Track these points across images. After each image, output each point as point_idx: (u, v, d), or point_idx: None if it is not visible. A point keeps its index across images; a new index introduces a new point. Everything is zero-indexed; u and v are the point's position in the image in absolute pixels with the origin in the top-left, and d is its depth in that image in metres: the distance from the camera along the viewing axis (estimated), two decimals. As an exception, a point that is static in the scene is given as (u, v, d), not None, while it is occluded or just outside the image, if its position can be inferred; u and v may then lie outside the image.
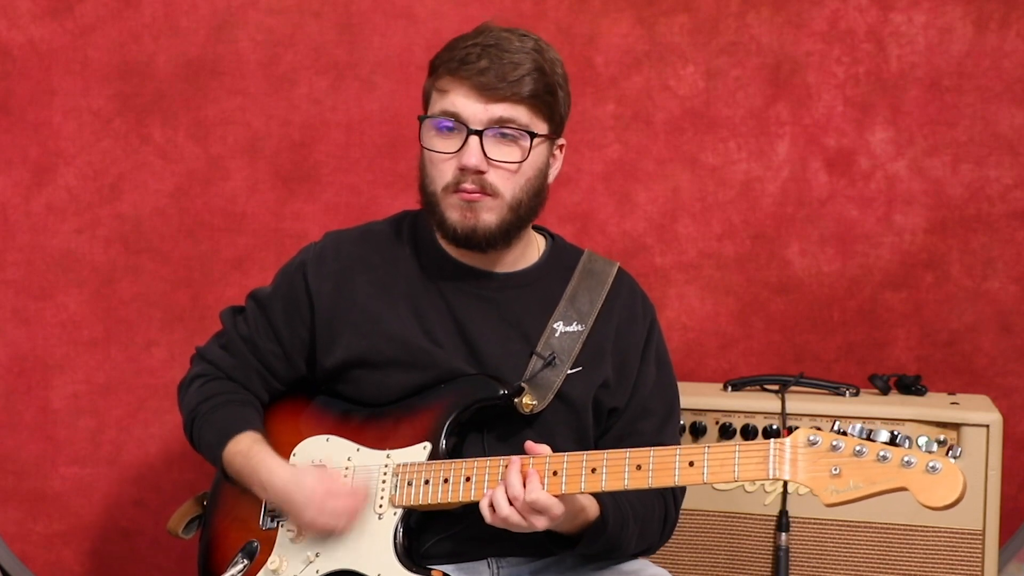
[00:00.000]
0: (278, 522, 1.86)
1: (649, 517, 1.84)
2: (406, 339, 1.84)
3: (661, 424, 1.90)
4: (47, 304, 2.75)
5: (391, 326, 1.85)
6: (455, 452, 1.81)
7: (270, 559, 1.83)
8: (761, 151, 2.67)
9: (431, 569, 1.74)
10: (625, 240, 2.70)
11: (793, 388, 2.41)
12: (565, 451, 1.69)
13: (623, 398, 1.89)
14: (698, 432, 2.36)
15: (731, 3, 2.65)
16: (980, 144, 2.61)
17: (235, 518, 1.93)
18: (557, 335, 1.85)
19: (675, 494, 1.90)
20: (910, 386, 2.42)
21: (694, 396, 2.37)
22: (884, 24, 2.62)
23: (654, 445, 1.83)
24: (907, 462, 1.48)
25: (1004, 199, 2.62)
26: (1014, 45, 2.59)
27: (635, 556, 1.90)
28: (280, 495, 1.80)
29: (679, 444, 1.93)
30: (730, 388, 2.46)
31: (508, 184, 1.78)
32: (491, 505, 1.66)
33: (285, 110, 2.72)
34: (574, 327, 1.86)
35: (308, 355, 1.92)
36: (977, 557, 2.25)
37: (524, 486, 1.64)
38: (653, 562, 1.94)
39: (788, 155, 2.67)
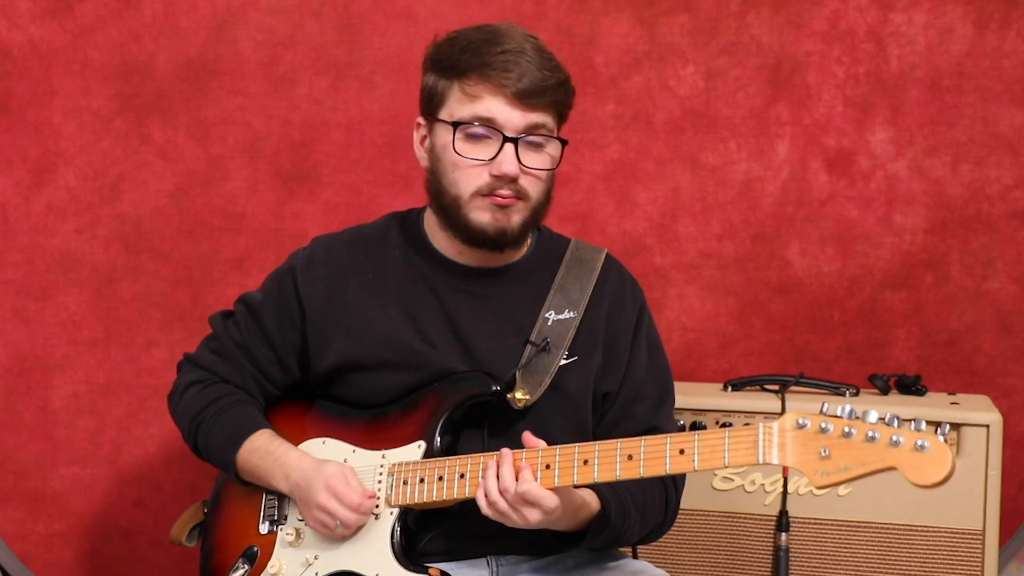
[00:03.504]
0: (277, 526, 1.87)
1: (650, 504, 1.84)
2: (399, 341, 1.84)
3: (655, 407, 1.90)
4: (47, 304, 2.75)
5: (383, 328, 1.85)
6: (450, 449, 1.81)
7: (270, 563, 1.84)
8: (761, 151, 2.67)
9: (429, 567, 1.74)
10: (625, 240, 2.70)
11: (793, 388, 2.41)
12: (561, 443, 1.68)
13: (615, 383, 1.88)
14: (698, 432, 2.36)
15: (731, 3, 2.65)
16: (980, 144, 2.61)
17: (235, 523, 1.93)
18: (550, 323, 1.86)
19: (675, 478, 1.89)
20: (910, 386, 2.42)
21: (694, 396, 2.37)
22: (884, 24, 2.62)
23: (649, 428, 1.85)
24: (895, 441, 1.46)
25: (1004, 199, 2.61)
26: (1014, 45, 2.59)
27: (641, 542, 1.91)
28: (305, 476, 1.79)
29: (676, 426, 1.94)
30: (730, 388, 2.46)
31: (536, 188, 1.81)
32: (486, 495, 1.66)
33: (285, 110, 2.72)
34: (566, 314, 1.87)
35: (301, 359, 1.93)
36: (977, 557, 2.25)
37: (516, 479, 1.64)
38: (653, 563, 1.94)
39: (788, 155, 2.67)
